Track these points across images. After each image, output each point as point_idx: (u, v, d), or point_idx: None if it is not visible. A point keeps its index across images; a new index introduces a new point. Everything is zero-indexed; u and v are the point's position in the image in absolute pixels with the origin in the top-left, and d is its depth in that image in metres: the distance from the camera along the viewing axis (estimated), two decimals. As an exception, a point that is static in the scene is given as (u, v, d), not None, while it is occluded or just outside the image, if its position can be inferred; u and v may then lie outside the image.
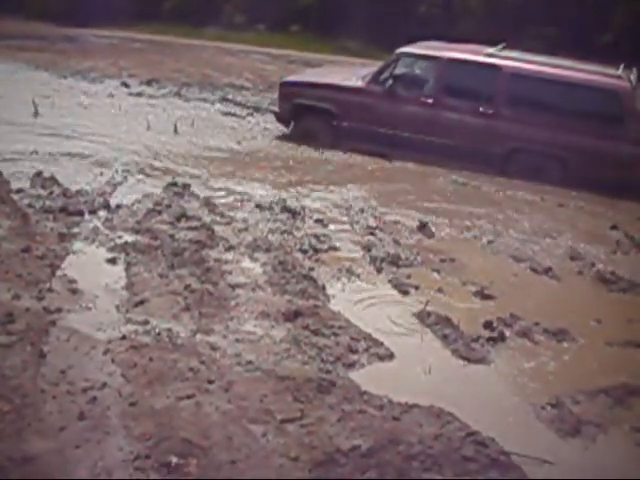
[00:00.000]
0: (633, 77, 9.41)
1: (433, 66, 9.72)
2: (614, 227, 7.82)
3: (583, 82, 9.08)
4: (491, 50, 9.91)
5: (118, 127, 10.61)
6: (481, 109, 9.37)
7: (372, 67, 10.71)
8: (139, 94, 13.36)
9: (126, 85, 14.38)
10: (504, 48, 10.16)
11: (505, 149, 9.30)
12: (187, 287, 5.40)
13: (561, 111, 9.07)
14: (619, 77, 9.10)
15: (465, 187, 8.87)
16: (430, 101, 9.61)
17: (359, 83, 10.12)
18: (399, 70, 9.85)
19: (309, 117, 10.25)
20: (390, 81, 9.79)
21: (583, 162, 8.83)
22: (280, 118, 10.73)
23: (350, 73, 10.80)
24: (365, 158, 9.69)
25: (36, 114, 10.69)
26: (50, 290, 5.28)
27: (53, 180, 7.80)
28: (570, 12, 19.48)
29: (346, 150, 9.85)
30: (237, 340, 4.78)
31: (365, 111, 9.84)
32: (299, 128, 10.40)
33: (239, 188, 8.05)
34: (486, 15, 20.83)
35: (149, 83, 14.62)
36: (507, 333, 5.31)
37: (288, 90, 10.57)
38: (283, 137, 10.60)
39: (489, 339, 5.20)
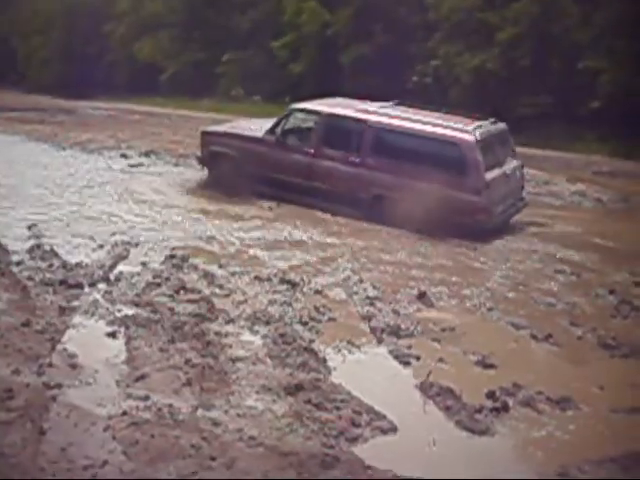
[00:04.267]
0: (488, 130, 10.08)
1: (315, 119, 10.83)
2: (612, 292, 7.83)
3: (433, 135, 9.88)
4: (368, 106, 10.83)
5: (115, 201, 10.74)
6: (350, 159, 10.29)
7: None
8: (138, 165, 13.55)
9: (125, 156, 14.59)
10: (397, 104, 11.08)
11: (370, 195, 10.12)
12: (188, 361, 5.39)
13: (416, 161, 9.74)
14: (466, 131, 9.76)
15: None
16: (312, 151, 10.64)
17: (259, 134, 11.17)
18: (290, 123, 11.08)
19: (221, 162, 11.38)
20: (281, 132, 10.94)
21: (432, 209, 9.20)
22: (201, 162, 12.05)
23: (261, 125, 11.59)
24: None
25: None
26: (50, 365, 5.27)
27: (52, 252, 7.85)
28: (560, 80, 19.96)
29: (250, 193, 10.90)
30: (239, 415, 4.74)
31: (262, 158, 10.96)
32: (214, 172, 11.61)
33: (236, 262, 8.07)
34: (474, 84, 21.32)
35: (147, 154, 14.83)
36: (510, 403, 5.27)
37: (206, 138, 11.87)
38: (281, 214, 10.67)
39: (492, 409, 5.16)
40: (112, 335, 5.93)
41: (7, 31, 45.07)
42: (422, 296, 7.25)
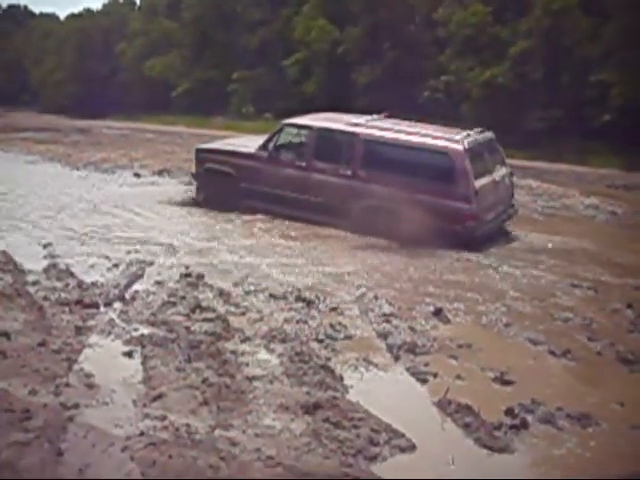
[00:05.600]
0: (476, 139, 10.23)
1: (307, 134, 11.02)
2: (630, 306, 7.76)
3: (422, 145, 10.08)
4: (357, 119, 11.03)
5: (127, 220, 10.79)
6: (342, 171, 10.46)
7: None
8: (151, 184, 13.63)
9: (138, 175, 14.69)
10: (386, 117, 11.34)
11: (361, 206, 10.26)
12: (204, 381, 5.36)
13: (406, 171, 9.90)
14: (455, 140, 9.91)
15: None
16: (303, 164, 10.79)
17: (252, 150, 11.30)
18: (282, 138, 11.25)
19: (216, 179, 11.51)
20: (273, 148, 11.08)
21: (423, 218, 9.26)
22: (196, 179, 12.16)
23: (255, 142, 11.68)
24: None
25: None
26: (67, 385, 5.25)
27: (68, 272, 7.89)
28: (572, 94, 19.96)
29: (245, 209, 11.11)
30: (256, 435, 4.71)
31: (255, 174, 11.11)
32: (209, 188, 11.66)
33: (250, 280, 8.03)
34: (486, 99, 21.38)
35: (160, 173, 14.92)
36: (529, 419, 5.20)
37: (201, 155, 11.99)
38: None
39: (512, 427, 5.09)
40: (128, 354, 5.92)
41: (20, 53, 45.78)
42: (438, 312, 7.22)
